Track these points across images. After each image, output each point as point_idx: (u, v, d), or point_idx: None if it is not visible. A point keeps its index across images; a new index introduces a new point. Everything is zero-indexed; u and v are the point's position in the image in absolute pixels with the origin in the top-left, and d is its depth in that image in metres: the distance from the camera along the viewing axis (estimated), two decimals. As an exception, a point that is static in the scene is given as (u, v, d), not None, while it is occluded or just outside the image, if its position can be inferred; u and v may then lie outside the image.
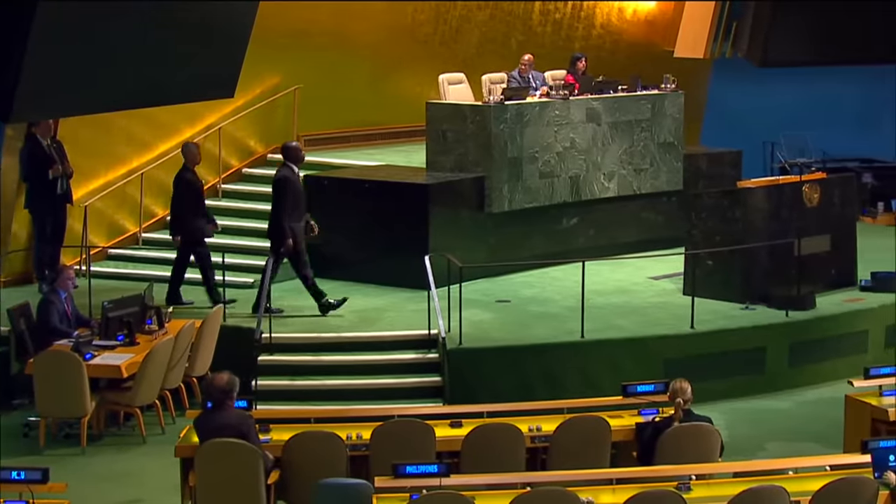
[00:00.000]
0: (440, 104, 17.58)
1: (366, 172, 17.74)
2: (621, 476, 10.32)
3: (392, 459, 10.14)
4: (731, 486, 9.94)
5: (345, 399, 13.88)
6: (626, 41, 22.71)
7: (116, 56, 13.66)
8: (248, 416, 10.81)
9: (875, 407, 11.98)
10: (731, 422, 13.91)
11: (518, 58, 18.94)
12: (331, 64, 19.53)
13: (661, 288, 16.64)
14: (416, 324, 14.81)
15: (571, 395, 12.95)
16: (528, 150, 17.06)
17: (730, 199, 16.04)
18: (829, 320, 15.48)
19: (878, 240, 18.37)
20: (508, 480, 10.24)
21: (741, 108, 24.36)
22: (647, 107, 18.21)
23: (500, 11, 21.30)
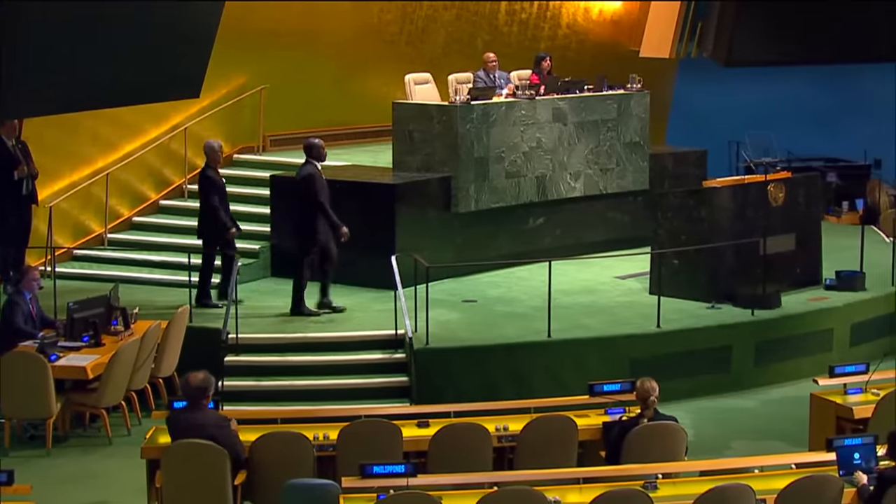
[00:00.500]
0: (406, 104, 17.57)
1: (332, 172, 17.67)
2: (588, 475, 10.34)
3: (359, 460, 10.13)
4: (698, 485, 9.97)
5: (311, 399, 13.86)
6: (592, 41, 22.76)
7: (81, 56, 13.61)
8: (225, 419, 10.81)
9: (840, 405, 12.04)
10: (698, 421, 13.95)
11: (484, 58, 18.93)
12: (297, 64, 19.50)
13: (628, 287, 16.67)
14: (383, 324, 14.80)
15: (538, 394, 12.96)
16: (494, 149, 17.07)
17: (695, 198, 16.08)
18: (795, 319, 15.54)
19: (842, 239, 18.42)
20: (475, 480, 10.25)
21: (706, 108, 24.45)
22: (613, 107, 18.24)
23: (467, 11, 21.31)
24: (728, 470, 10.53)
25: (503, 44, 21.06)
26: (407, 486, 9.70)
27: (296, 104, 19.50)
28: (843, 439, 10.40)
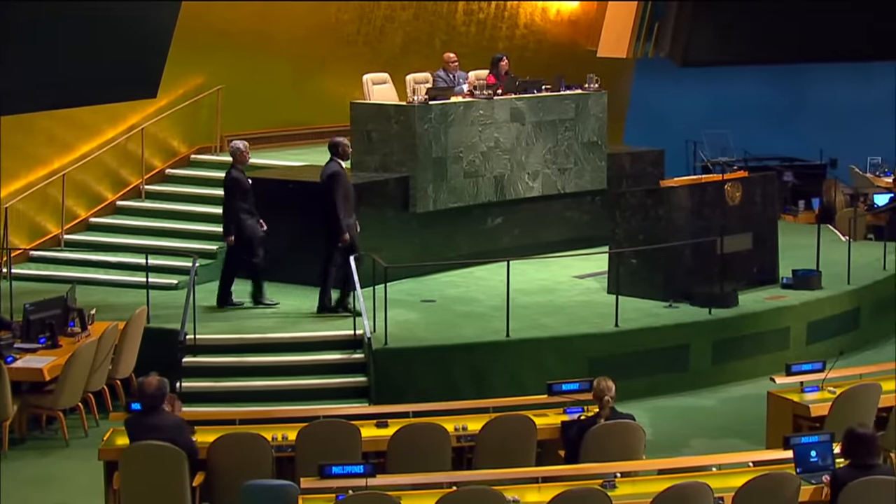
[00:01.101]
0: (364, 104, 17.56)
1: (290, 173, 17.70)
2: (547, 474, 10.35)
3: (318, 460, 10.11)
4: (656, 483, 10.00)
5: (270, 400, 13.84)
6: (549, 41, 22.80)
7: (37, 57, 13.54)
8: (182, 421, 10.78)
9: (797, 403, 12.09)
10: (656, 419, 14.00)
11: (442, 57, 18.94)
12: (254, 64, 19.46)
13: (586, 287, 16.71)
14: (342, 324, 14.79)
15: (497, 394, 12.99)
16: (452, 149, 17.08)
17: (653, 197, 16.13)
18: (752, 318, 15.61)
19: (799, 238, 18.54)
20: (434, 480, 10.25)
21: (663, 108, 24.54)
22: (571, 106, 18.28)
23: (424, 11, 21.32)
24: (686, 468, 10.55)
25: (461, 44, 21.08)
26: (366, 487, 9.69)
27: (253, 104, 19.47)
28: (800, 437, 10.46)
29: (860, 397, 11.98)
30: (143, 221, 18.00)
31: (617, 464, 10.59)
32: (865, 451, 9.71)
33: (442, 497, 9.54)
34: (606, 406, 11.09)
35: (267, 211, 16.76)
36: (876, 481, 9.63)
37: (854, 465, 9.73)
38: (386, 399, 13.64)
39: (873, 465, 9.73)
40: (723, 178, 16.35)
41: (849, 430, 9.83)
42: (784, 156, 23.98)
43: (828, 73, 25.17)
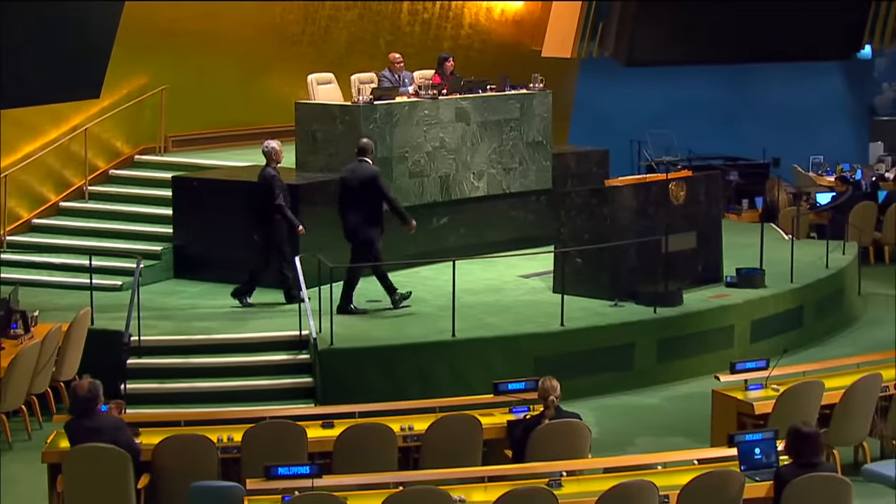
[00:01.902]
0: (309, 104, 17.53)
1: (235, 173, 17.63)
2: (493, 474, 10.38)
3: (264, 461, 10.09)
4: (602, 482, 10.04)
5: (215, 401, 13.78)
6: (494, 41, 22.83)
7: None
8: (121, 421, 10.73)
9: (741, 401, 12.17)
10: (602, 418, 14.04)
11: (387, 57, 18.94)
12: (199, 64, 19.39)
13: (532, 286, 16.74)
14: (287, 325, 14.74)
15: (444, 394, 12.99)
16: (397, 149, 17.07)
17: (598, 197, 16.18)
18: (696, 316, 15.68)
19: (742, 237, 18.65)
20: (381, 480, 10.25)
21: (608, 107, 24.63)
22: (516, 106, 18.31)
23: (369, 11, 21.30)
24: (631, 466, 10.60)
25: (405, 44, 21.07)
26: (312, 488, 9.68)
27: (198, 104, 19.39)
28: (744, 435, 10.53)
29: (803, 395, 12.07)
30: (86, 222, 17.88)
31: (562, 463, 10.62)
32: (809, 449, 9.79)
33: (388, 497, 9.54)
34: (552, 405, 11.13)
35: (211, 211, 16.76)
36: (819, 478, 9.71)
37: (798, 464, 9.80)
38: (332, 400, 13.61)
39: (817, 462, 9.81)
40: (667, 177, 16.42)
41: (792, 428, 9.91)
42: (728, 155, 24.14)
43: (771, 73, 25.36)
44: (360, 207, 15.26)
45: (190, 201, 16.96)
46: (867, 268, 19.82)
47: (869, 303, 18.63)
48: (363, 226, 15.28)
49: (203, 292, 16.34)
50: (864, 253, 20.26)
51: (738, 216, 22.09)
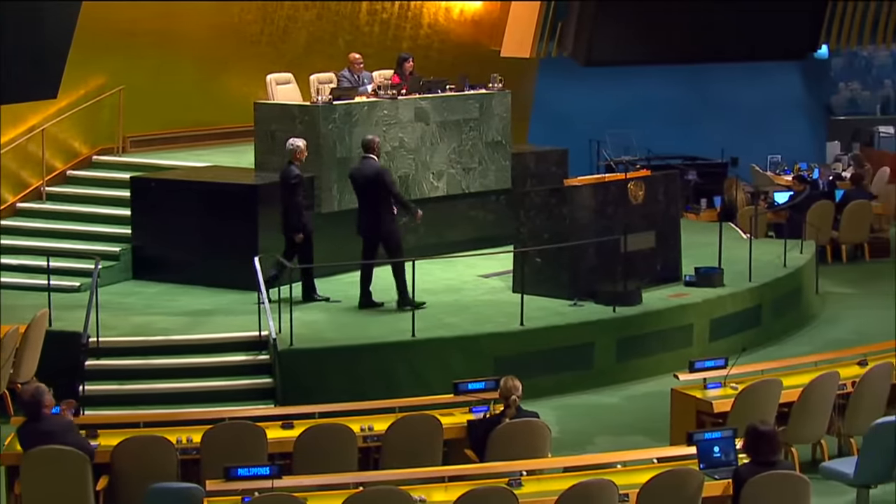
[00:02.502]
0: (268, 104, 17.50)
1: (194, 173, 17.58)
2: (453, 474, 10.38)
3: (223, 462, 10.07)
4: (561, 481, 10.06)
5: (175, 403, 13.73)
6: (453, 41, 22.84)
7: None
8: (71, 423, 10.69)
9: (700, 399, 12.22)
10: (561, 417, 14.07)
11: (346, 57, 18.92)
12: (157, 64, 19.31)
13: (491, 286, 16.76)
14: (247, 325, 14.71)
15: (404, 393, 12.99)
16: (356, 150, 17.03)
17: (557, 197, 16.20)
18: (655, 315, 15.73)
19: (701, 236, 18.69)
20: (341, 481, 10.24)
21: (567, 107, 24.67)
22: (475, 106, 18.33)
23: (328, 11, 21.27)
24: (591, 466, 10.62)
25: (364, 44, 21.05)
26: (272, 488, 9.66)
27: (156, 105, 19.32)
28: (703, 433, 10.57)
29: (762, 393, 12.12)
30: (44, 223, 17.79)
31: (522, 462, 10.64)
32: (767, 447, 9.83)
33: (348, 497, 9.54)
34: (513, 405, 11.15)
35: (169, 212, 16.70)
36: (777, 476, 9.76)
37: (756, 462, 9.84)
38: (292, 400, 13.59)
39: (775, 461, 9.86)
40: (626, 177, 16.46)
41: (750, 427, 9.95)
42: (686, 155, 24.23)
43: (729, 73, 25.46)
44: (368, 203, 15.43)
45: (148, 202, 16.89)
46: (825, 266, 19.92)
47: (826, 301, 18.73)
48: (373, 222, 15.45)
49: (162, 293, 16.28)
50: (822, 252, 20.37)
51: (697, 215, 22.17)
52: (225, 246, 16.27)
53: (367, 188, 15.47)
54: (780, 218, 20.93)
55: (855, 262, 21.26)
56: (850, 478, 11.13)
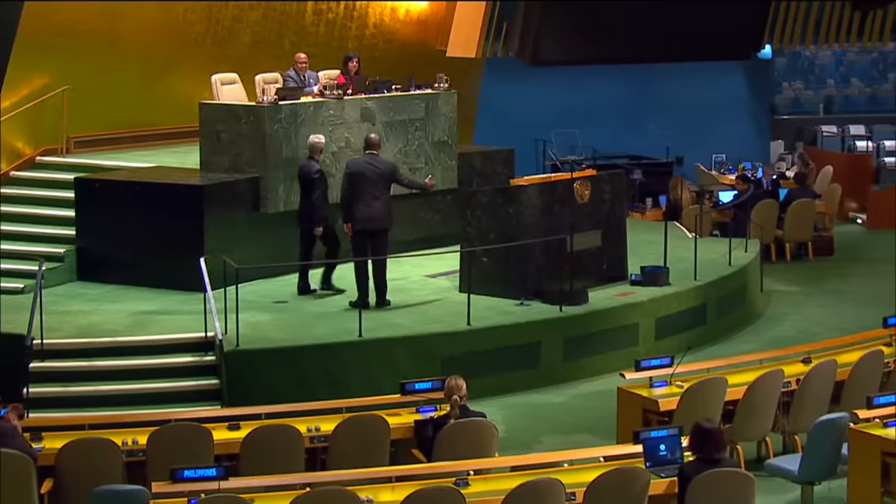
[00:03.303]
0: (213, 105, 17.43)
1: (138, 174, 17.50)
2: (400, 474, 10.38)
3: (169, 464, 10.02)
4: (509, 480, 10.07)
5: (120, 404, 13.67)
6: (399, 41, 22.83)
7: None
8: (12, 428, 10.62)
9: (646, 398, 12.26)
10: (509, 416, 14.09)
11: (291, 57, 18.88)
12: (101, 64, 19.20)
13: (438, 286, 16.76)
14: (192, 327, 14.65)
15: (351, 394, 12.98)
16: (303, 150, 16.99)
17: (503, 196, 16.23)
18: (602, 314, 15.78)
19: (646, 235, 18.78)
20: (288, 481, 10.22)
21: (513, 107, 24.72)
22: (421, 106, 18.33)
23: (273, 11, 21.21)
24: (538, 465, 10.65)
25: (310, 44, 21.01)
26: (218, 490, 9.63)
27: (100, 105, 19.21)
28: (649, 431, 10.62)
29: (707, 391, 12.19)
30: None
31: (470, 461, 10.65)
32: (712, 445, 9.88)
33: (295, 498, 9.52)
34: (457, 405, 11.17)
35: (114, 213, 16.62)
36: (722, 474, 9.81)
37: (701, 460, 9.89)
38: (238, 401, 13.55)
39: (720, 458, 9.91)
40: (572, 176, 16.50)
41: (695, 425, 10.00)
42: (631, 154, 24.33)
43: (673, 72, 25.58)
44: (378, 196, 15.60)
45: (92, 203, 16.79)
46: (769, 265, 20.06)
47: (771, 300, 18.85)
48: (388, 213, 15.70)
49: (106, 294, 16.19)
50: (766, 250, 20.51)
51: (643, 215, 22.27)
52: (170, 247, 16.19)
53: (380, 182, 15.61)
54: (725, 217, 21.05)
55: (799, 260, 21.42)
56: (794, 475, 11.21)
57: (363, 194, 15.54)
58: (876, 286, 19.53)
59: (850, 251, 22.02)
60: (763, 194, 21.36)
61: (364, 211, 15.54)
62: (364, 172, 15.62)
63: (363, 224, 15.56)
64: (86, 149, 19.17)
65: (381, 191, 15.65)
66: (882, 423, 11.22)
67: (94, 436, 11.02)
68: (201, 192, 16.30)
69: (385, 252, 15.74)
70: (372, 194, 15.56)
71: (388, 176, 15.73)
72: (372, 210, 15.54)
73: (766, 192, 21.56)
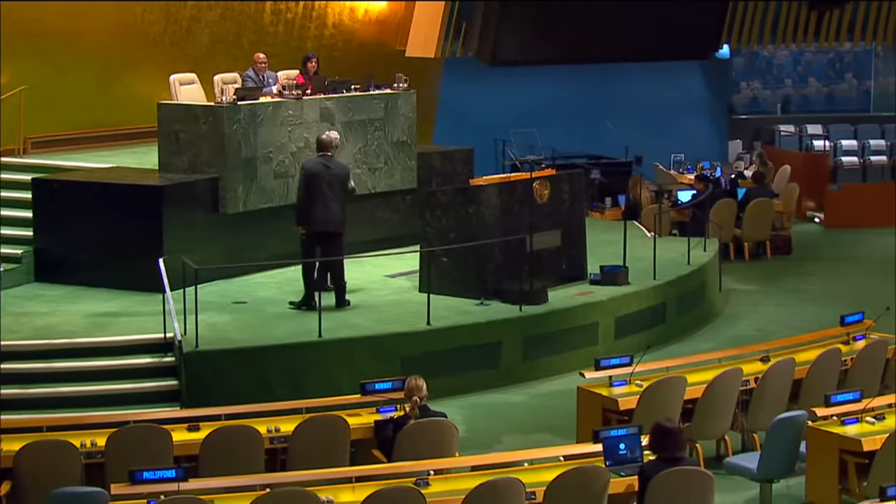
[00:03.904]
0: (172, 105, 17.37)
1: (97, 174, 17.41)
2: (360, 474, 10.38)
3: (128, 466, 9.99)
4: (469, 480, 10.08)
5: (79, 406, 13.59)
6: (358, 41, 22.81)
7: None
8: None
9: (605, 397, 12.29)
10: (469, 416, 14.10)
11: (250, 57, 18.84)
12: (59, 64, 19.11)
13: (398, 286, 16.76)
14: (151, 328, 14.60)
15: (311, 394, 12.95)
16: (262, 150, 16.99)
17: (463, 196, 16.25)
18: (561, 314, 15.81)
19: (606, 234, 18.84)
20: (247, 482, 10.19)
21: (472, 107, 24.72)
22: (381, 106, 18.32)
23: (231, 11, 21.16)
24: (498, 464, 10.66)
25: (269, 44, 20.97)
26: (178, 491, 9.61)
27: (58, 105, 19.12)
28: (609, 430, 10.64)
29: (666, 390, 12.23)
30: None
31: (430, 461, 10.65)
32: (672, 444, 9.91)
33: (255, 499, 9.50)
34: (417, 405, 11.17)
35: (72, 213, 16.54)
36: (682, 472, 9.84)
37: (662, 459, 9.92)
38: (198, 402, 13.50)
39: (680, 457, 9.94)
40: (531, 176, 16.53)
41: (656, 424, 10.03)
42: (591, 153, 24.37)
43: (632, 72, 25.64)
44: (335, 198, 15.44)
45: (51, 203, 16.71)
46: (727, 264, 20.15)
47: (729, 298, 18.93)
48: (343, 216, 15.54)
49: (65, 295, 16.11)
50: (725, 249, 20.61)
51: (602, 214, 22.33)
52: (129, 247, 16.12)
53: (335, 184, 15.47)
54: (684, 216, 21.13)
55: (757, 259, 21.52)
56: (753, 473, 11.27)
57: (319, 196, 15.45)
58: (834, 285, 19.67)
59: (807, 250, 22.15)
60: (721, 193, 21.45)
61: (321, 213, 15.46)
62: (320, 174, 15.54)
63: (321, 226, 15.48)
64: (44, 149, 19.08)
65: (338, 194, 15.53)
66: (840, 420, 11.30)
67: (53, 438, 10.96)
68: (160, 192, 16.24)
69: (342, 254, 15.70)
70: (329, 196, 15.47)
71: (343, 179, 15.63)
72: (329, 213, 15.46)
73: (724, 192, 21.65)
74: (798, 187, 23.07)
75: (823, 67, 28.15)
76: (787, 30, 25.25)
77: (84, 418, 12.12)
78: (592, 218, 20.62)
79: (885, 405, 11.75)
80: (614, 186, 22.90)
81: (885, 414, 11.47)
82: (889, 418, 11.35)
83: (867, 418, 11.33)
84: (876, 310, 14.09)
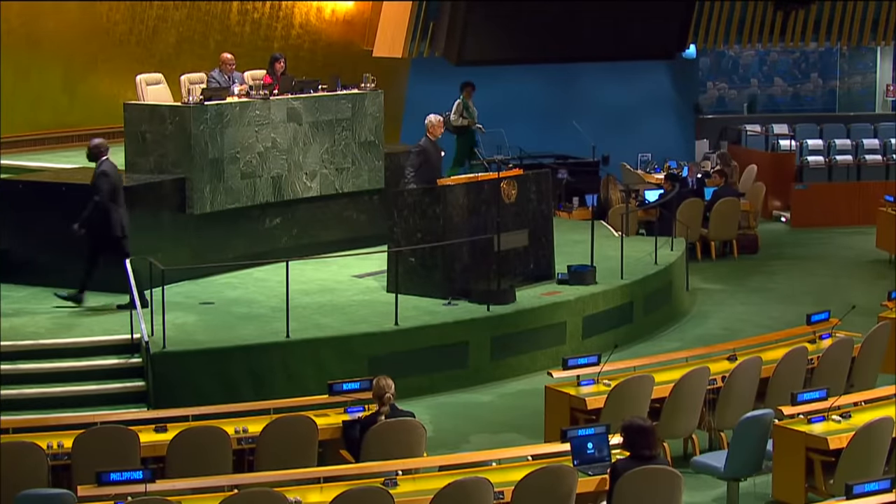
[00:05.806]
0: (138, 105, 17.31)
1: (62, 175, 17.34)
2: (328, 474, 10.37)
3: (95, 467, 9.95)
4: (437, 480, 10.09)
5: (45, 408, 13.52)
6: (325, 41, 22.80)
7: None
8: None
9: (573, 396, 12.32)
10: (437, 416, 14.11)
11: (217, 57, 18.80)
12: (23, 65, 19.04)
13: (365, 286, 16.75)
14: (118, 328, 14.54)
15: (278, 395, 12.94)
16: (228, 150, 16.95)
17: (430, 196, 16.24)
18: (529, 313, 15.83)
19: (573, 234, 18.87)
20: (215, 483, 10.17)
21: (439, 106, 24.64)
22: (348, 106, 18.30)
23: (198, 11, 21.11)
24: (466, 464, 10.67)
25: (235, 44, 20.93)
26: (145, 493, 9.58)
27: (22, 106, 19.04)
28: (577, 430, 10.66)
29: (634, 389, 12.26)
30: None
31: (398, 462, 10.66)
32: (644, 442, 9.93)
33: (223, 500, 9.49)
34: (386, 403, 11.17)
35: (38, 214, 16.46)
36: (649, 471, 9.87)
37: (633, 457, 9.94)
38: (165, 403, 13.46)
39: (651, 455, 9.96)
40: (498, 176, 16.53)
41: (628, 422, 10.02)
42: (558, 153, 24.40)
43: (599, 72, 25.68)
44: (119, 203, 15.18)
45: (15, 204, 16.62)
46: (694, 263, 20.20)
47: (696, 298, 18.99)
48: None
49: (30, 296, 16.02)
50: (692, 249, 20.66)
51: (569, 214, 22.35)
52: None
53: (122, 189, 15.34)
54: (651, 216, 21.17)
55: (724, 258, 21.59)
56: (720, 471, 11.31)
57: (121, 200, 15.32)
58: (800, 284, 19.75)
59: (774, 249, 22.23)
60: (688, 193, 21.50)
61: (125, 216, 15.30)
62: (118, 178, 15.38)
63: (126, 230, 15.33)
64: (8, 150, 18.98)
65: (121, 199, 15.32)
66: (806, 419, 11.35)
67: (19, 440, 10.92)
68: (127, 192, 16.16)
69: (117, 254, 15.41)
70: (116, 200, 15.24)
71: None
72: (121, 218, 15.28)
73: (691, 191, 21.70)
74: (764, 186, 23.15)
75: (789, 67, 28.25)
76: (752, 30, 25.35)
77: (50, 420, 12.07)
78: (560, 217, 20.65)
79: (851, 403, 11.82)
80: (582, 186, 22.93)
81: (851, 412, 11.54)
82: (855, 417, 11.41)
83: (833, 417, 11.39)
84: (842, 308, 14.17)
